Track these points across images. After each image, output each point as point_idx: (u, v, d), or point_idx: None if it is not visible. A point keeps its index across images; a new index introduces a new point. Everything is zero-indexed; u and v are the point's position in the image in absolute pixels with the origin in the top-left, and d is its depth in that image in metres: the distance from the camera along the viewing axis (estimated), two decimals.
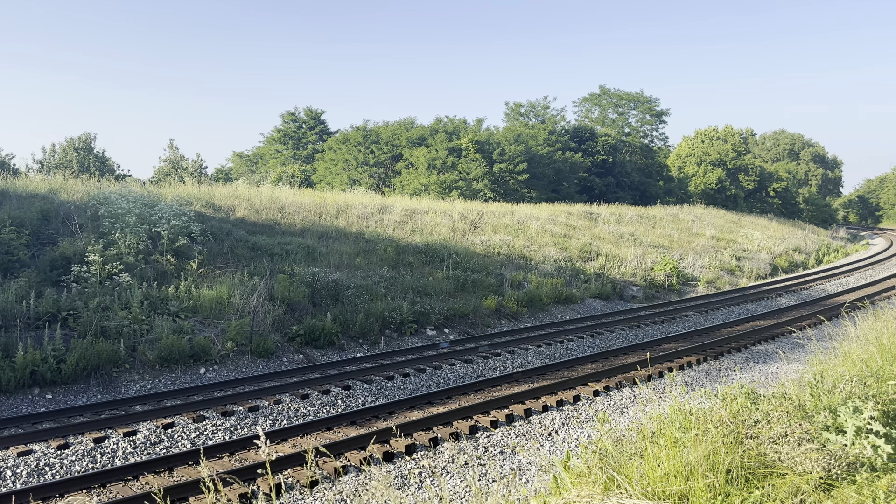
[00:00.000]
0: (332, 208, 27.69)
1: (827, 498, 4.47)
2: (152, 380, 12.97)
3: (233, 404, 11.39)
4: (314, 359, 15.27)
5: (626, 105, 71.19)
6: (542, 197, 47.26)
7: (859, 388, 6.33)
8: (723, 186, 66.52)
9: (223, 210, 24.03)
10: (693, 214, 49.67)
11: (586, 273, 26.35)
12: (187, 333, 14.30)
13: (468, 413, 10.98)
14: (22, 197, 19.94)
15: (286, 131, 63.35)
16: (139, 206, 19.34)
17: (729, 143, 71.99)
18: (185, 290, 16.00)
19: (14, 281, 14.93)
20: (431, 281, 21.05)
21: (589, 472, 4.84)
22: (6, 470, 8.52)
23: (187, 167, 40.03)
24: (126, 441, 9.62)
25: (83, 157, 35.79)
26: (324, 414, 11.29)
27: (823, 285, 31.14)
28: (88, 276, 15.48)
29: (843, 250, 51.45)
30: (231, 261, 19.21)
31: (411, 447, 9.47)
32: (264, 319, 15.64)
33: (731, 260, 36.29)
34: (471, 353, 15.59)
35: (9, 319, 13.33)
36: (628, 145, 63.10)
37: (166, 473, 8.57)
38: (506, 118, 66.55)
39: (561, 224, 35.24)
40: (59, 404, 11.65)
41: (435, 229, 28.13)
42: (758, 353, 16.45)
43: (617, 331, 18.91)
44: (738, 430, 5.11)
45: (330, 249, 22.21)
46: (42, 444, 9.32)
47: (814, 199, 78.85)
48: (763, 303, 25.49)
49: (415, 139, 49.91)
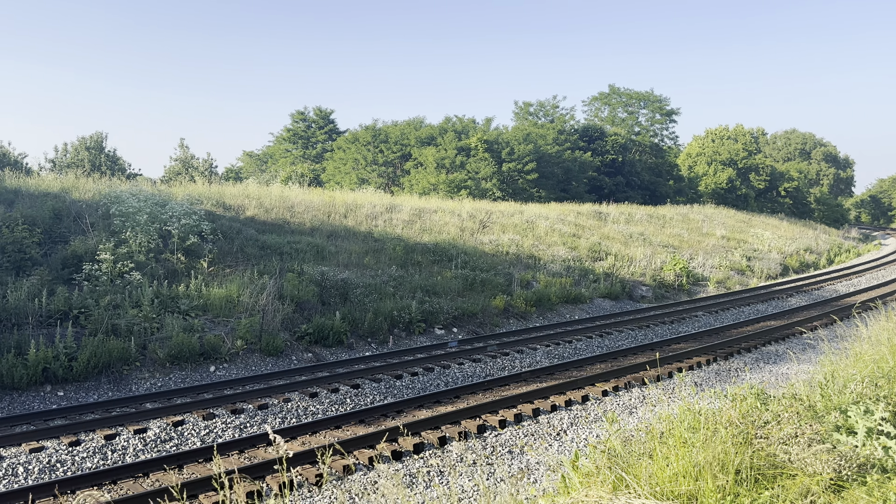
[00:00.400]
0: (342, 207, 27.75)
1: (837, 499, 4.45)
2: (163, 377, 13.05)
3: (242, 402, 11.44)
4: (323, 357, 15.32)
5: (636, 104, 70.97)
6: (551, 196, 47.17)
7: (870, 389, 6.29)
8: (733, 186, 66.18)
9: (233, 209, 24.13)
10: (703, 214, 49.45)
11: (595, 273, 26.29)
12: (197, 331, 14.38)
13: (476, 412, 10.99)
14: (34, 196, 20.09)
15: (296, 130, 63.54)
16: (150, 204, 19.45)
17: (740, 143, 71.65)
18: (195, 289, 16.08)
19: (26, 279, 15.06)
20: (440, 280, 21.07)
21: (597, 472, 4.84)
22: (18, 466, 8.60)
23: (198, 166, 40.19)
24: (136, 438, 9.68)
25: (94, 156, 36.01)
26: (333, 412, 11.32)
27: (835, 286, 30.94)
28: (99, 274, 15.59)
29: (854, 250, 51.10)
30: (241, 259, 19.29)
31: (420, 446, 9.49)
32: (274, 318, 15.70)
33: (742, 260, 36.11)
34: (479, 353, 15.60)
35: (21, 317, 13.44)
36: (638, 144, 62.88)
37: (176, 470, 8.62)
38: (515, 117, 66.54)
39: (570, 224, 35.17)
40: (71, 401, 11.74)
41: (444, 229, 28.14)
42: (768, 354, 16.37)
43: (626, 331, 18.86)
44: (747, 430, 5.09)
45: (339, 248, 22.26)
46: (54, 441, 9.39)
47: (825, 199, 78.29)
48: (773, 303, 25.36)
49: (424, 138, 49.93)
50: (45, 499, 7.65)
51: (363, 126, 54.40)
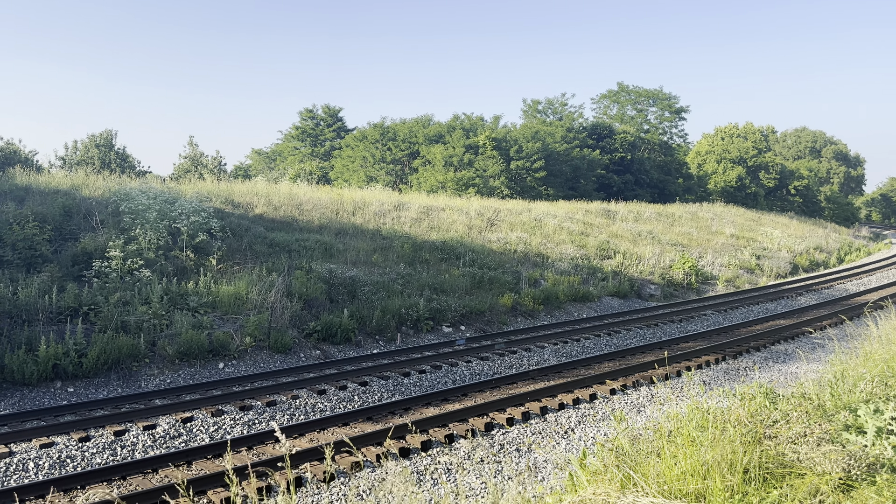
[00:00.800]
0: (350, 205, 27.79)
1: (846, 499, 4.42)
2: (171, 374, 13.11)
3: (251, 399, 11.48)
4: (331, 355, 15.35)
5: (645, 102, 70.69)
6: (559, 194, 47.08)
7: (880, 388, 6.26)
8: (743, 184, 65.86)
9: (242, 207, 24.21)
10: (712, 212, 49.25)
11: (604, 271, 26.23)
12: (206, 328, 14.44)
13: (484, 410, 10.99)
14: (45, 193, 20.22)
15: (304, 128, 63.65)
16: (159, 202, 19.53)
17: (749, 141, 71.24)
18: (204, 286, 16.15)
19: (37, 275, 15.16)
20: (448, 278, 21.07)
21: (605, 470, 4.83)
22: (29, 462, 8.66)
23: (207, 164, 40.30)
24: (146, 434, 9.73)
25: (104, 154, 36.18)
26: (340, 409, 11.35)
27: (845, 285, 30.76)
28: (109, 271, 15.67)
29: (865, 249, 50.77)
30: (249, 257, 19.36)
31: (427, 443, 9.49)
32: (282, 315, 15.74)
33: (751, 258, 35.95)
34: (487, 351, 15.59)
35: (32, 313, 13.54)
36: (647, 142, 62.68)
37: (185, 467, 8.66)
38: (523, 115, 66.44)
39: (578, 222, 35.10)
40: (81, 397, 11.82)
41: (451, 227, 28.14)
42: (777, 353, 16.30)
43: (634, 329, 18.81)
44: (756, 429, 5.07)
45: (347, 246, 22.30)
46: (64, 437, 9.46)
47: (835, 198, 77.80)
48: (783, 302, 25.23)
49: (432, 136, 49.92)
50: (54, 494, 7.70)
51: (371, 124, 54.47)
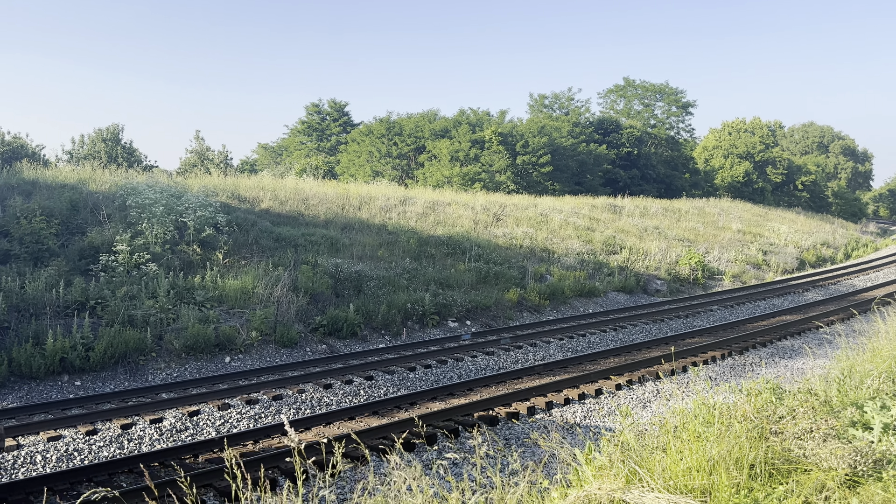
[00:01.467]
0: (356, 200, 27.80)
1: (852, 495, 4.41)
2: (178, 368, 13.16)
3: (257, 393, 11.52)
4: (337, 349, 15.39)
5: (652, 97, 70.31)
6: (565, 189, 46.98)
7: (888, 384, 6.23)
8: (750, 179, 65.56)
9: (248, 201, 24.25)
10: (719, 208, 49.06)
11: (610, 266, 26.19)
12: (213, 323, 14.48)
13: (489, 405, 11.00)
14: (52, 187, 20.30)
15: (310, 123, 63.65)
16: (166, 196, 19.58)
17: (756, 136, 70.90)
18: (210, 280, 16.19)
19: (44, 269, 15.22)
20: (453, 273, 21.07)
21: (611, 466, 4.83)
22: (36, 454, 8.72)
23: (213, 158, 40.36)
24: (152, 428, 9.78)
25: (111, 148, 36.26)
26: (346, 403, 11.38)
27: (852, 280, 30.63)
28: (116, 265, 15.73)
29: (872, 245, 50.51)
30: (256, 251, 19.40)
31: (433, 437, 9.51)
32: (288, 310, 15.78)
33: (758, 254, 35.82)
34: (492, 346, 15.60)
35: (39, 307, 13.61)
36: (654, 137, 62.41)
37: (192, 460, 8.70)
38: (529, 110, 66.18)
39: (584, 217, 35.03)
40: (88, 391, 11.88)
41: (457, 221, 28.13)
42: (783, 349, 16.25)
43: (640, 324, 18.79)
44: (762, 425, 5.06)
45: (353, 241, 22.32)
46: (71, 430, 9.51)
47: (843, 193, 77.36)
48: (789, 298, 25.15)
49: (438, 131, 49.85)
50: (63, 485, 7.75)
51: (377, 118, 54.44)
